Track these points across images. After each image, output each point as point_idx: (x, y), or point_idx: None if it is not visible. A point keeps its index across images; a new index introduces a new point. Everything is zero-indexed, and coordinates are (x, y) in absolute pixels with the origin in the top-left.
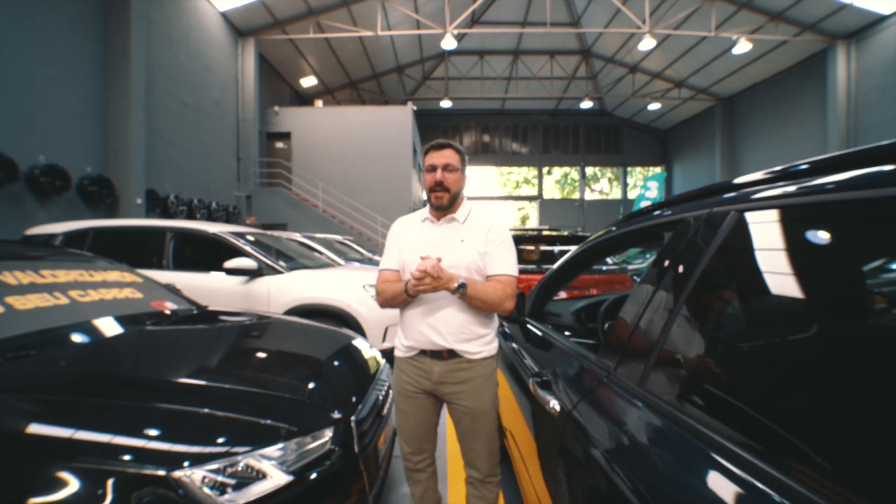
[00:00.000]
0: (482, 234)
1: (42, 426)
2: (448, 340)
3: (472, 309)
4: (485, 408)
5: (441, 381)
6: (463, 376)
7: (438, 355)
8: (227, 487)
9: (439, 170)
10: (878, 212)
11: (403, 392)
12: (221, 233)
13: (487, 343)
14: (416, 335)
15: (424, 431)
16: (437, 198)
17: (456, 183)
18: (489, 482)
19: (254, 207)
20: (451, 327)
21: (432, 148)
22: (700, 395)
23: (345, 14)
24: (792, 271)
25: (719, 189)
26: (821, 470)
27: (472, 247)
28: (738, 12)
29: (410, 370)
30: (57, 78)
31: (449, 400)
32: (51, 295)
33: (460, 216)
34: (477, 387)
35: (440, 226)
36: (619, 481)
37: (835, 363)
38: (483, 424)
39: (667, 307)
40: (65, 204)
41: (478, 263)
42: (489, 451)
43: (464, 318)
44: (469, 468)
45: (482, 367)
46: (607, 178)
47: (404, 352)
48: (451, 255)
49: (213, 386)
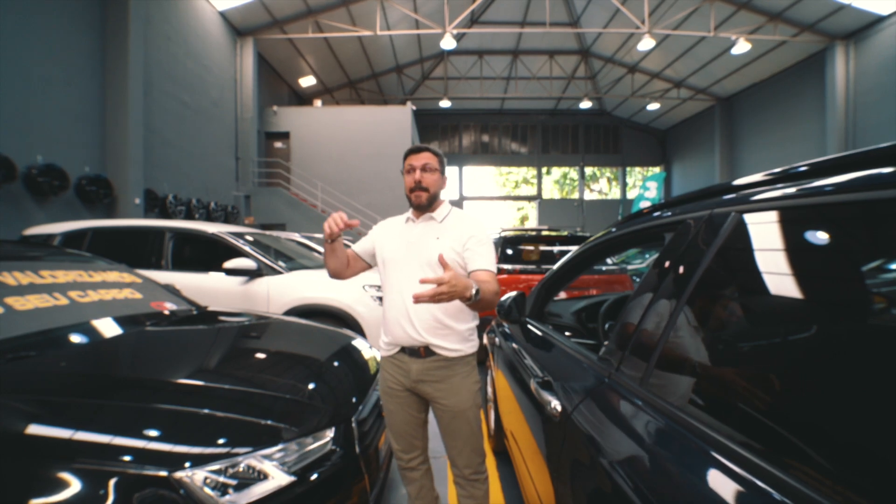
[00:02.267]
0: (458, 233)
1: (42, 427)
2: (421, 334)
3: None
4: (463, 405)
5: (419, 380)
6: (440, 374)
7: (416, 353)
8: (229, 488)
9: (417, 170)
10: (879, 214)
11: (387, 391)
12: (220, 233)
13: (464, 340)
14: (392, 330)
15: (412, 429)
16: (416, 197)
17: (434, 183)
18: (475, 479)
19: (252, 207)
20: (423, 321)
21: (411, 152)
22: (702, 396)
23: (344, 14)
24: (793, 273)
25: (719, 190)
26: (823, 470)
27: (448, 245)
28: (737, 12)
29: (392, 368)
30: (55, 77)
31: (429, 398)
32: (50, 295)
33: (438, 216)
34: (455, 385)
35: (418, 224)
36: (620, 482)
37: (836, 364)
38: (463, 422)
39: (668, 308)
40: (63, 204)
41: (451, 260)
42: (471, 449)
43: (437, 311)
44: (453, 467)
45: (460, 365)
46: (606, 178)
47: (386, 350)
48: (425, 251)
49: (214, 386)
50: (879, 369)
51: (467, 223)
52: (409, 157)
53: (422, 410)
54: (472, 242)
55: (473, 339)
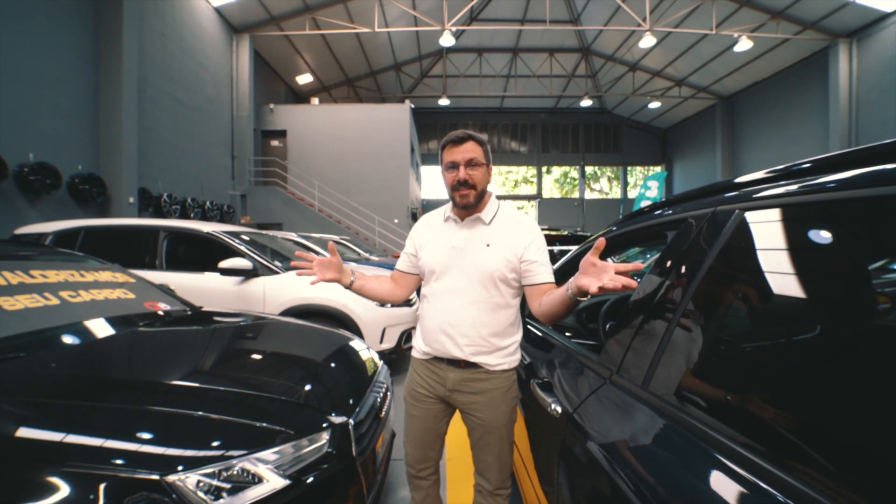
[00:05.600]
0: (513, 240)
1: (32, 430)
2: (465, 352)
3: (496, 320)
4: (499, 421)
5: (456, 389)
6: (479, 387)
7: (455, 363)
8: (222, 492)
9: (462, 167)
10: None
11: (414, 395)
12: (216, 232)
13: (508, 355)
14: (431, 342)
15: (431, 439)
16: (462, 196)
17: (482, 179)
18: (498, 495)
19: (248, 207)
20: (469, 339)
21: (451, 142)
22: (705, 397)
23: (341, 10)
24: (799, 271)
25: (722, 188)
26: (826, 471)
27: (500, 253)
28: (738, 10)
29: (425, 373)
30: (47, 74)
31: (462, 409)
32: (41, 296)
33: (486, 216)
34: (492, 399)
35: (463, 227)
36: (621, 484)
37: (840, 364)
38: (495, 437)
39: (670, 307)
40: (55, 203)
41: (504, 272)
42: (500, 465)
43: (484, 331)
44: (478, 476)
45: (500, 379)
46: (607, 177)
47: (420, 354)
48: (474, 260)
49: (208, 388)
50: (885, 369)
51: (522, 226)
52: (448, 150)
53: (445, 422)
54: (532, 252)
55: (516, 354)
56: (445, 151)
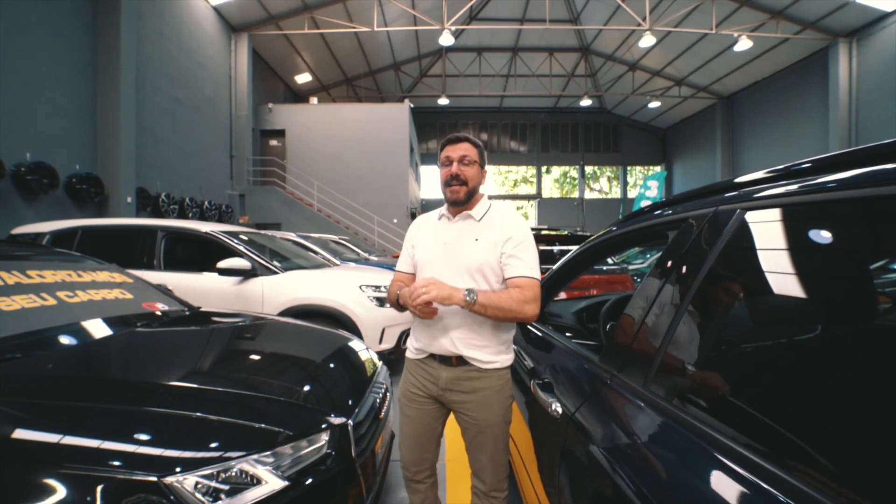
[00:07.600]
0: (498, 234)
1: (28, 431)
2: (457, 346)
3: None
4: (492, 420)
5: (448, 388)
6: (471, 385)
7: (447, 361)
8: (221, 493)
9: (455, 162)
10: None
11: (408, 395)
12: (214, 232)
13: (501, 353)
14: (425, 338)
15: (427, 440)
16: (452, 192)
17: (473, 177)
18: (494, 496)
19: (247, 206)
20: (460, 331)
21: (448, 142)
22: (706, 398)
23: (340, 9)
24: (800, 271)
25: (722, 188)
26: (827, 472)
27: (488, 247)
28: (738, 10)
29: (418, 372)
30: (44, 73)
31: (454, 409)
32: (38, 296)
33: (476, 213)
34: (485, 398)
35: (455, 223)
36: (622, 485)
37: (841, 364)
38: (489, 437)
39: (672, 308)
40: (52, 203)
41: (492, 265)
42: (495, 465)
43: (474, 323)
44: (474, 477)
45: (493, 378)
46: (607, 176)
47: (414, 353)
48: (463, 254)
49: (206, 389)
50: (886, 369)
51: (507, 221)
52: (445, 148)
53: (440, 422)
54: (509, 246)
55: (509, 352)
56: (443, 150)
